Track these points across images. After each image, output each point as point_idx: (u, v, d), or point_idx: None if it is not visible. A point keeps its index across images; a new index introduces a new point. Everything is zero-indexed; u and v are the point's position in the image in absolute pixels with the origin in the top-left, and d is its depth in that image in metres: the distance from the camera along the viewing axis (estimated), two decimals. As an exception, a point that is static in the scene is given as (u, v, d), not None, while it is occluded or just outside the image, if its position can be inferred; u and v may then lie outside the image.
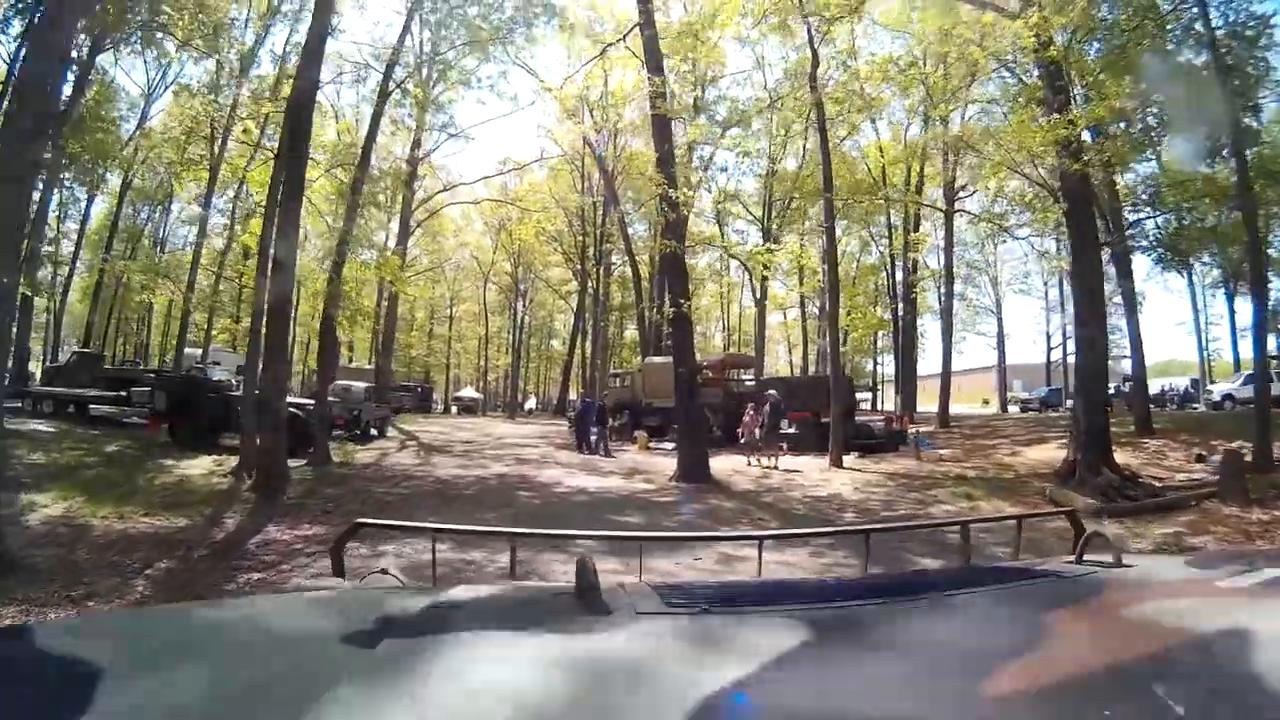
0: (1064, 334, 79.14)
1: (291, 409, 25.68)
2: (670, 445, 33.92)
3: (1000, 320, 76.52)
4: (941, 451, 30.79)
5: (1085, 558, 2.49)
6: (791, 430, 31.58)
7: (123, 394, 33.68)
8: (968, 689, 1.51)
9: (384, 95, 31.50)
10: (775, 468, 27.32)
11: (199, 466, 22.96)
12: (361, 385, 39.40)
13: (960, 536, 3.22)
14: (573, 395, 77.84)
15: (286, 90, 27.58)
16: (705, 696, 1.38)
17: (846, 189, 43.35)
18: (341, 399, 35.82)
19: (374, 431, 37.70)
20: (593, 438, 33.69)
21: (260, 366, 21.89)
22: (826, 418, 30.04)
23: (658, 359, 45.37)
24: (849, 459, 28.62)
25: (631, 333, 78.40)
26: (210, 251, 53.49)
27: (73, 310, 64.62)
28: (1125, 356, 44.96)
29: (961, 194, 50.31)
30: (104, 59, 38.17)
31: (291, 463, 22.14)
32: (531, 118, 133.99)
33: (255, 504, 17.79)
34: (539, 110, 59.61)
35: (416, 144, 53.38)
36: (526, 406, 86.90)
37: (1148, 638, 1.80)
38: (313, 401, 28.69)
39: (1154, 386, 54.37)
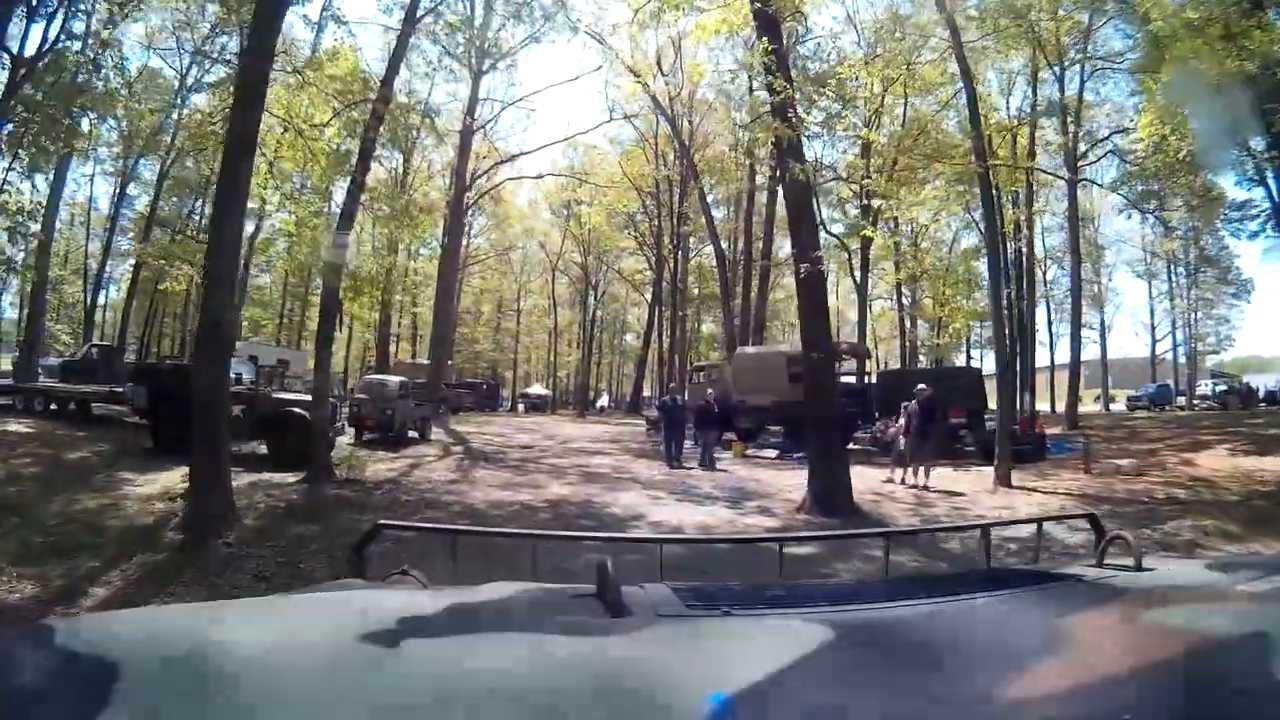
0: (1174, 324, 72.50)
1: (292, 408, 23.34)
2: (771, 453, 29.87)
3: (1101, 309, 70.56)
4: (1120, 463, 24.17)
5: (1106, 561, 2.41)
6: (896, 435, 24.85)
7: (117, 390, 29.34)
8: (987, 693, 1.45)
9: (411, 19, 24.59)
10: (927, 487, 20.73)
11: (159, 483, 18.13)
12: (395, 380, 33.15)
13: (980, 540, 3.21)
14: (647, 391, 75.00)
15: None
16: (724, 699, 1.32)
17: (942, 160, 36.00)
18: (372, 396, 30.41)
19: (413, 434, 31.57)
20: (688, 446, 27.26)
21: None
22: (955, 418, 25.73)
23: (751, 349, 40.59)
24: (987, 470, 22.56)
25: (710, 326, 74.70)
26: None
27: (117, 305, 62.77)
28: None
29: (1082, 162, 44.10)
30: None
31: (285, 478, 19.27)
32: (597, 94, 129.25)
33: (170, 555, 13.12)
34: (605, 82, 53.13)
35: (470, 111, 48.94)
36: (598, 404, 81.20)
37: (1169, 643, 1.71)
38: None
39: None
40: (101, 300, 62.29)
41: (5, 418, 28.49)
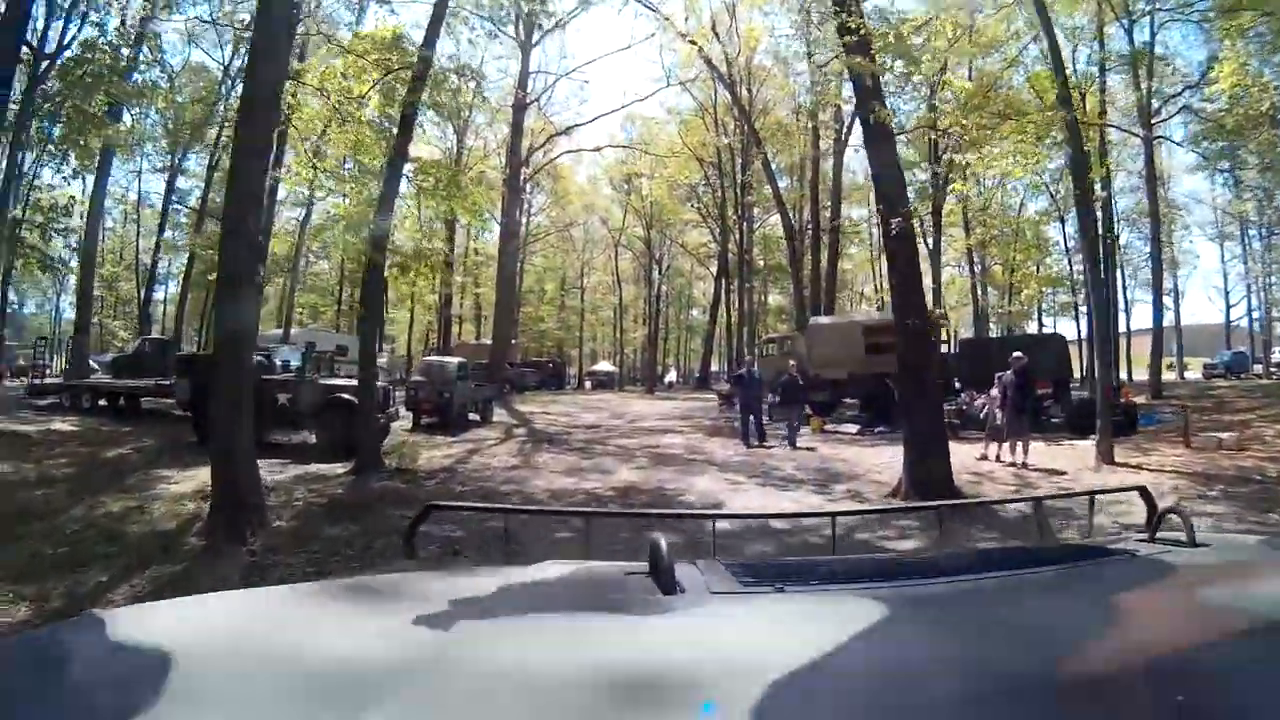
0: (1249, 289, 69.96)
1: (340, 394, 22.24)
2: (852, 428, 28.25)
3: (1175, 274, 68.46)
4: (1222, 436, 21.78)
5: (1159, 536, 2.37)
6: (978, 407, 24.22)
7: (164, 384, 28.69)
8: (1038, 670, 1.41)
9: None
10: (1026, 465, 19.03)
11: (196, 480, 16.27)
12: (454, 361, 31.89)
13: (1034, 514, 3.45)
14: (715, 366, 74.39)
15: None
16: (778, 676, 1.29)
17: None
18: (430, 379, 29.44)
19: (474, 417, 30.70)
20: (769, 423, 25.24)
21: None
22: (1040, 389, 23.54)
23: (825, 319, 39.03)
24: (1082, 444, 21.54)
25: (776, 298, 73.40)
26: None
27: (175, 300, 60.59)
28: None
29: (1156, 119, 41.73)
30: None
31: (332, 470, 18.36)
32: (652, 64, 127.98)
33: (188, 565, 11.49)
34: (660, 47, 51.86)
35: (521, 85, 48.31)
36: (666, 380, 79.27)
37: (1222, 621, 1.66)
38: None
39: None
40: (160, 295, 63.30)
41: (51, 416, 28.04)
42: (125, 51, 26.81)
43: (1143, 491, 2.68)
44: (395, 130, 20.49)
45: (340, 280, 68.11)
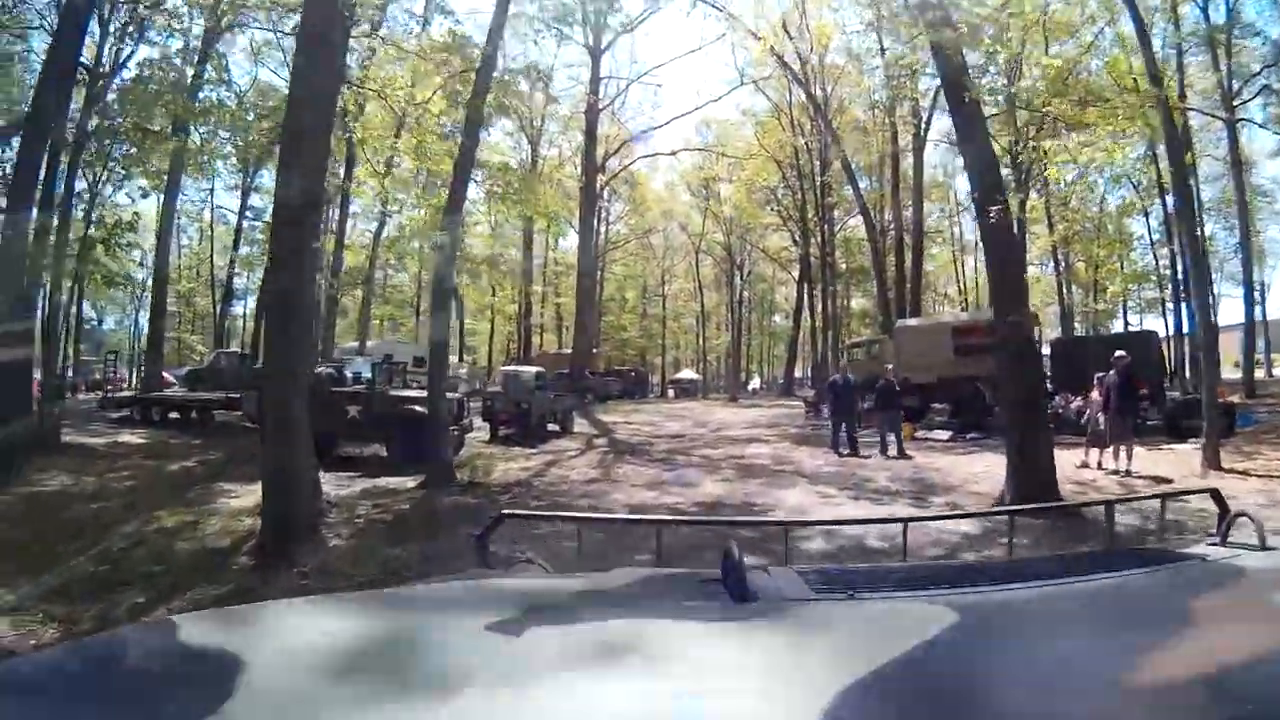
0: None
1: (412, 406, 20.81)
2: (943, 435, 26.80)
3: (1260, 265, 64.43)
4: None
5: (1230, 540, 2.35)
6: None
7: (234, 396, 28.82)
8: (1107, 677, 1.41)
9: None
10: (1130, 472, 17.68)
11: (256, 495, 14.57)
12: (531, 371, 31.23)
13: (1105, 518, 3.21)
14: (799, 372, 73.60)
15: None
16: (850, 684, 1.29)
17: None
18: (507, 389, 28.84)
19: (554, 428, 29.75)
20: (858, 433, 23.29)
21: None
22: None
23: (913, 321, 37.62)
24: (1181, 448, 20.84)
25: (859, 302, 71.29)
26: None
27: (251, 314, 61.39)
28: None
29: (1236, 101, 39.33)
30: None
31: (402, 483, 17.24)
32: (724, 66, 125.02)
33: (234, 588, 10.64)
34: (732, 45, 51.32)
35: (593, 89, 47.87)
36: (750, 387, 78.76)
37: None
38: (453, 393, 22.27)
39: None
40: (238, 310, 64.56)
41: (120, 429, 28.04)
42: (189, 70, 27.37)
43: (1214, 494, 2.70)
44: (460, 136, 19.62)
45: (418, 292, 67.73)
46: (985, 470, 17.51)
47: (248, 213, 55.28)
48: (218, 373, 35.29)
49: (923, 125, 49.27)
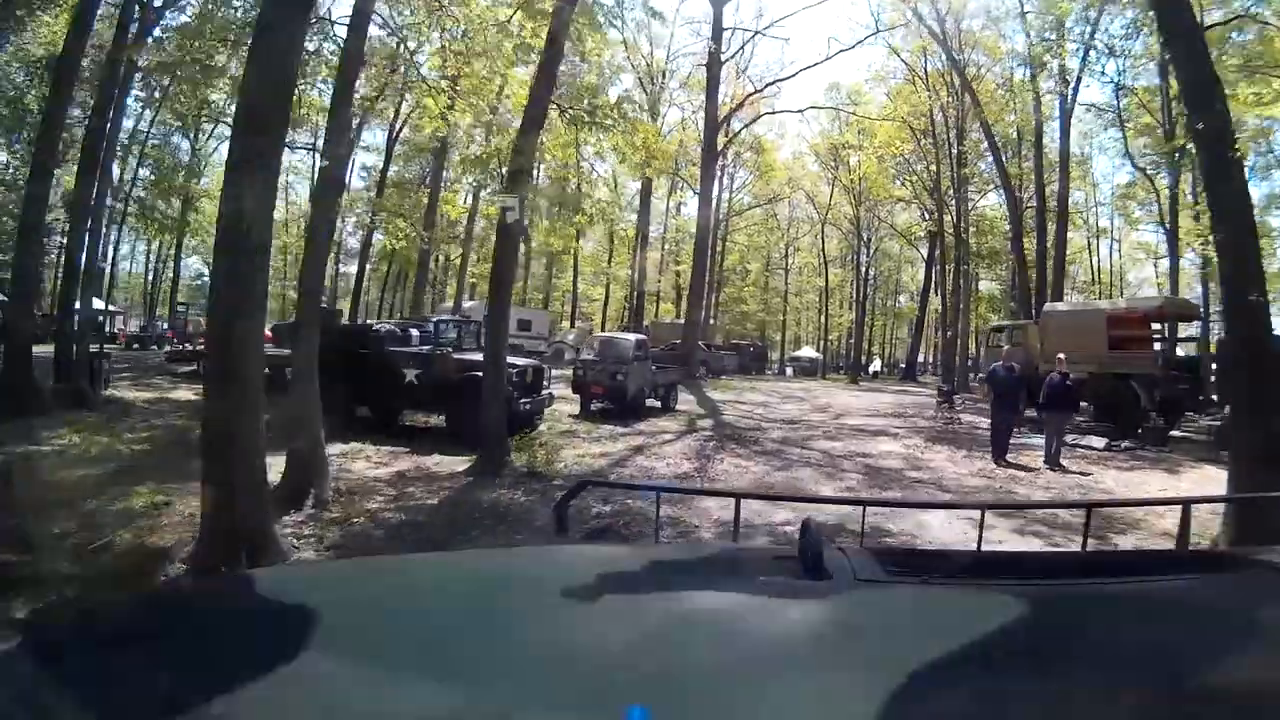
0: None
1: (477, 372, 17.06)
2: (1098, 443, 21.41)
3: None
4: None
5: None
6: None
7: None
8: (1174, 680, 1.42)
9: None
10: None
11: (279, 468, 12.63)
12: (631, 338, 27.10)
13: (1180, 519, 3.24)
14: (922, 356, 71.87)
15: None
16: (918, 668, 1.32)
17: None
18: (602, 357, 25.52)
19: (655, 403, 26.26)
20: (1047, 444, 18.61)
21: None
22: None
23: (1062, 306, 33.28)
24: None
25: (988, 285, 66.19)
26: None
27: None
28: None
29: None
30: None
31: (452, 465, 14.71)
32: (853, 20, 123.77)
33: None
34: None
35: (715, 38, 43.64)
36: (870, 369, 74.22)
37: None
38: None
39: None
40: (352, 269, 63.02)
41: (179, 383, 26.50)
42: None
43: None
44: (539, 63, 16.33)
45: (526, 253, 65.11)
46: (1163, 494, 14.72)
47: (362, 173, 55.40)
48: (340, 333, 33.03)
49: (1070, 96, 45.00)
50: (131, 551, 9.32)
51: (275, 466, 12.25)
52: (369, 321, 27.09)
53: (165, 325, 42.49)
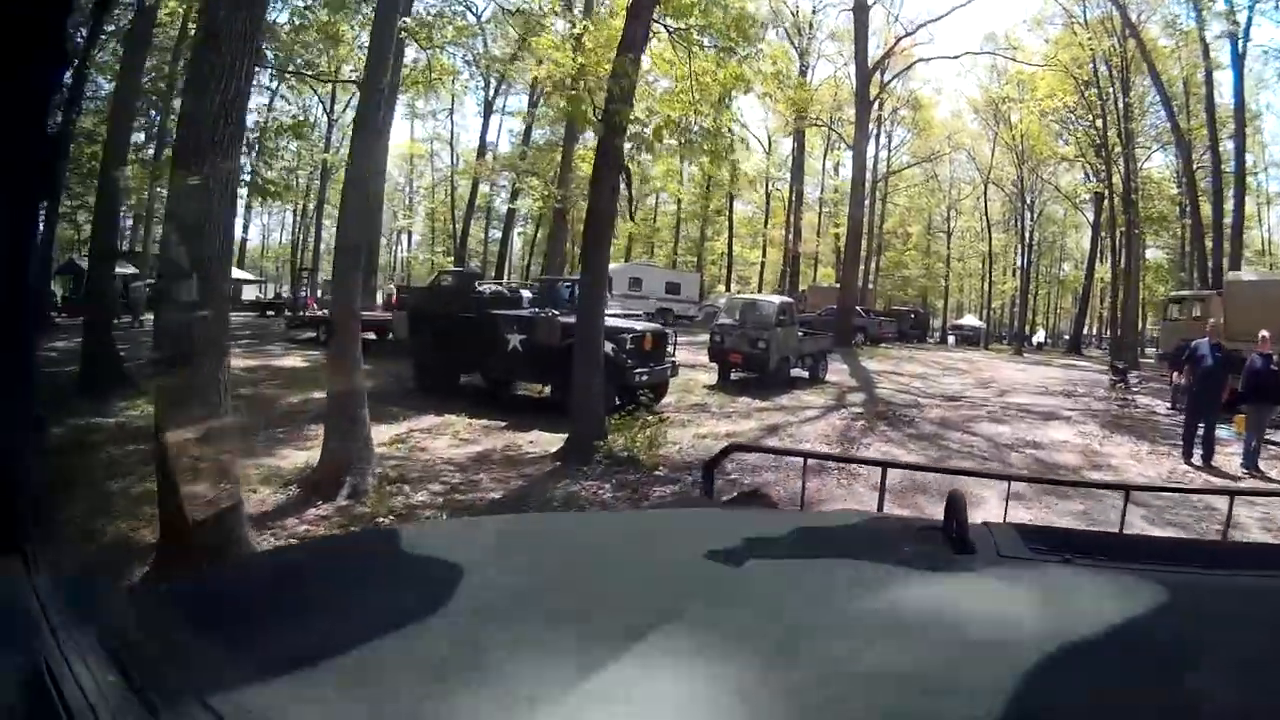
0: None
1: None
2: None
3: None
4: None
5: None
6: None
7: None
8: None
9: None
10: None
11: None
12: (774, 301, 24.13)
13: None
14: (1087, 329, 68.10)
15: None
16: (1056, 650, 1.26)
17: None
18: (742, 322, 22.19)
19: (802, 373, 23.20)
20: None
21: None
22: None
23: (1251, 275, 29.51)
24: None
25: (1154, 253, 60.75)
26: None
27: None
28: None
29: None
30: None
31: (542, 447, 13.04)
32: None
33: None
34: None
35: None
36: (1034, 340, 70.92)
37: None
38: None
39: None
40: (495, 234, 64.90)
41: (292, 350, 25.05)
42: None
43: None
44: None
45: (678, 214, 66.43)
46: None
47: (511, 137, 55.98)
48: (438, 294, 31.73)
49: (1240, 42, 40.74)
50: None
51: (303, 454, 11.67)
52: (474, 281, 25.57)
53: (305, 293, 42.18)
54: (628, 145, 13.22)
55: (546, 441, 13.07)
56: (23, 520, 1.34)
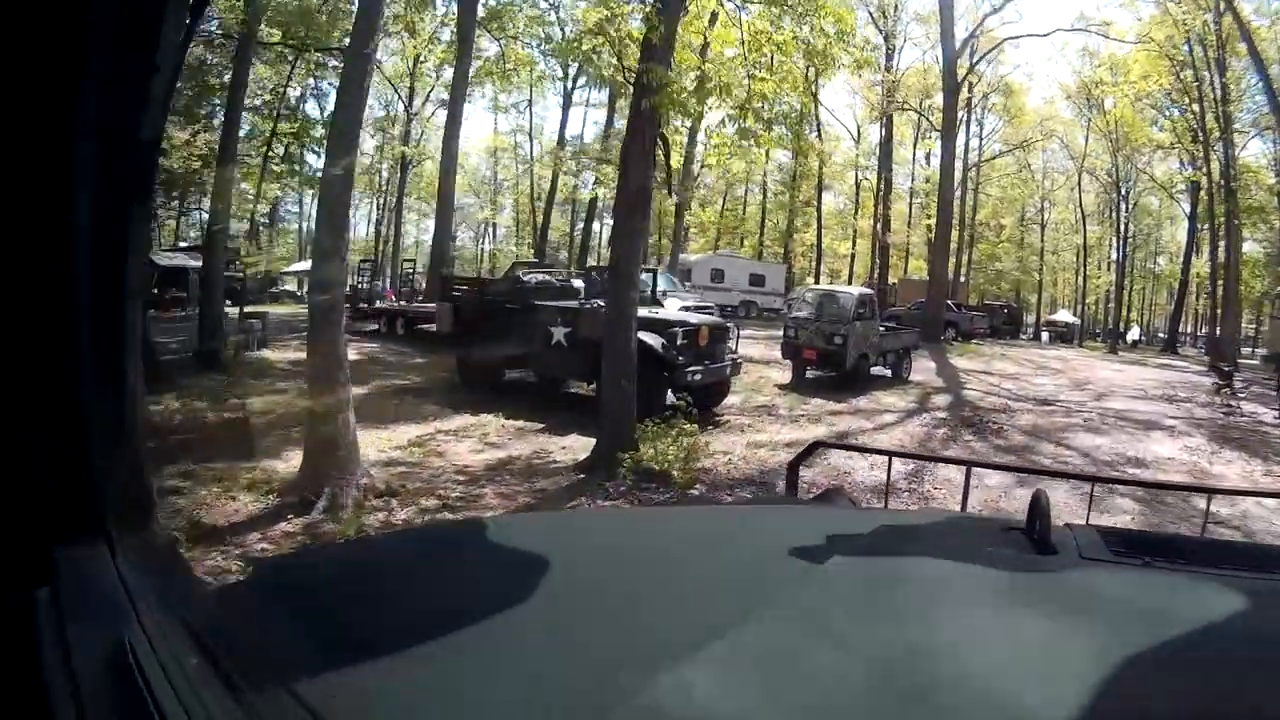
0: None
1: (642, 333, 13.86)
2: None
3: None
4: None
5: None
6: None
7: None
8: None
9: None
10: None
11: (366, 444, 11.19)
12: (852, 292, 22.37)
13: None
14: (1186, 326, 66.21)
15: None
16: (1136, 655, 1.26)
17: None
18: (818, 315, 20.75)
19: (884, 371, 21.94)
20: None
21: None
22: None
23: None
24: None
25: (1251, 246, 56.92)
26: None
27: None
28: None
29: None
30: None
31: (571, 454, 11.92)
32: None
33: None
34: None
35: None
36: (1129, 337, 67.50)
37: None
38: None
39: None
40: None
41: (350, 342, 23.53)
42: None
43: None
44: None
45: (763, 204, 65.67)
46: None
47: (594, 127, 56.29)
48: (484, 284, 30.39)
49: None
50: None
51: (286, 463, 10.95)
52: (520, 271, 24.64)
53: (385, 285, 41.94)
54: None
55: (580, 448, 11.96)
56: (109, 505, 1.29)
